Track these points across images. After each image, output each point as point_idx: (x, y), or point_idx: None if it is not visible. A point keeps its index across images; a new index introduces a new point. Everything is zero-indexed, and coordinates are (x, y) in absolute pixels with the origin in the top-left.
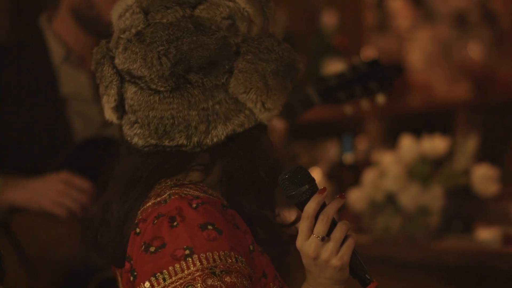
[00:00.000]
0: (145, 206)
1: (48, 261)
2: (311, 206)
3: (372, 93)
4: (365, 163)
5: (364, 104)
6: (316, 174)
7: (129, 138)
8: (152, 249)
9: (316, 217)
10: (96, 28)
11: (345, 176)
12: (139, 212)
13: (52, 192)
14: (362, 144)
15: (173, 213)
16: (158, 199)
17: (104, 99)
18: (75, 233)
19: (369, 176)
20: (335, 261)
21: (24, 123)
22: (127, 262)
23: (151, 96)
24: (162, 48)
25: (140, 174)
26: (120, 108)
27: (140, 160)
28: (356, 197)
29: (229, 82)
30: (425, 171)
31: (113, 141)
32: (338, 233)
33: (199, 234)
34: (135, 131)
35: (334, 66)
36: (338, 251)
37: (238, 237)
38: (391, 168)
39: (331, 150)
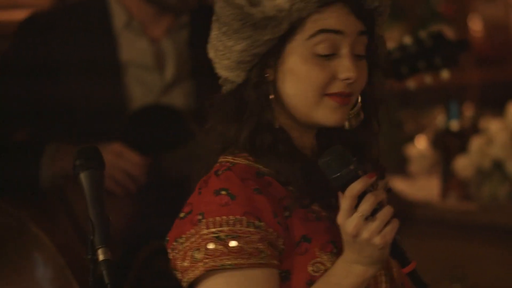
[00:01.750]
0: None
1: None
2: (356, 186)
3: (436, 69)
4: (472, 130)
5: (428, 79)
6: (423, 141)
7: None
8: (182, 215)
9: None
10: None
11: (451, 144)
12: None
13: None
14: (468, 111)
15: (203, 180)
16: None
17: None
18: (128, 202)
19: (476, 143)
20: (377, 239)
21: (82, 89)
22: None
23: None
24: None
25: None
26: None
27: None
28: (463, 164)
29: None
30: None
31: (171, 109)
32: (384, 214)
33: (212, 199)
34: None
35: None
36: (380, 231)
37: (260, 202)
38: (498, 135)
39: (438, 118)
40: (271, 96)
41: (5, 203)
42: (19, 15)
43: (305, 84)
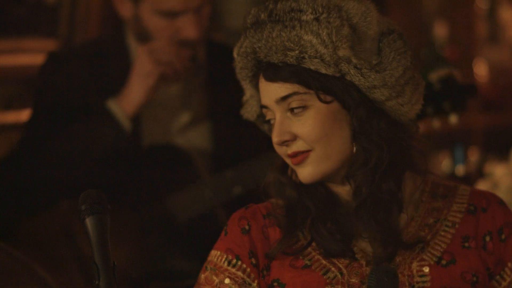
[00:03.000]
0: None
1: None
2: None
3: (444, 113)
4: (477, 175)
5: (436, 123)
6: None
7: None
8: None
9: None
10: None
11: None
12: None
13: (146, 64)
14: (474, 155)
15: None
16: None
17: None
18: (135, 242)
19: (481, 188)
20: None
21: (100, 126)
22: None
23: None
24: None
25: None
26: None
27: None
28: None
29: None
30: None
31: (180, 150)
32: None
33: (221, 232)
34: None
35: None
36: None
37: (242, 241)
38: (503, 180)
39: (443, 162)
40: None
41: (12, 247)
42: (23, 59)
43: None
